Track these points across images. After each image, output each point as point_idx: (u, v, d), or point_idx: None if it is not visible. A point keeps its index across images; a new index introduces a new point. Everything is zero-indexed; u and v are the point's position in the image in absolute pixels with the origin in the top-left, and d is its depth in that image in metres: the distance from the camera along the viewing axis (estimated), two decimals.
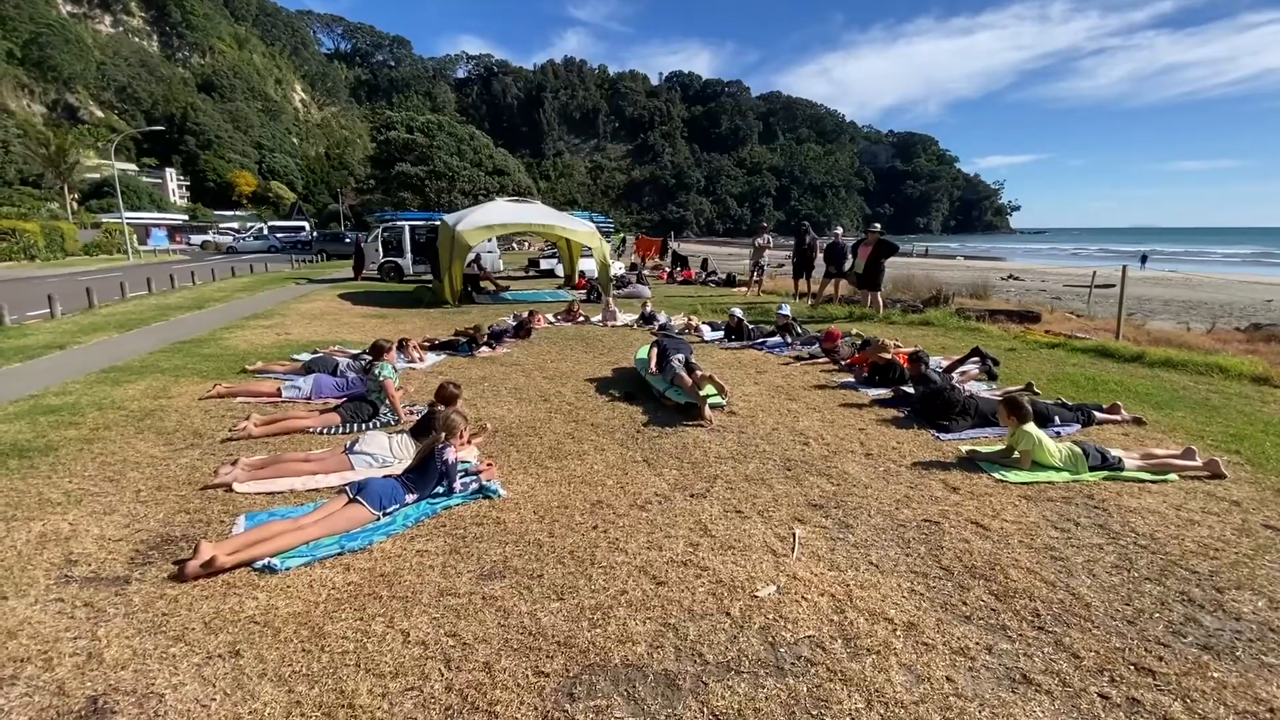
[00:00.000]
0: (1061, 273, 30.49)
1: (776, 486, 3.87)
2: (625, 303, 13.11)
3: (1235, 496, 3.71)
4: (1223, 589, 2.76)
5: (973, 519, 3.41)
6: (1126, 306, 9.37)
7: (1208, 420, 5.17)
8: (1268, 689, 2.16)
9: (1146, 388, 6.18)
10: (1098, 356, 7.59)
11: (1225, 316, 13.16)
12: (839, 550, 3.10)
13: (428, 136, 46.08)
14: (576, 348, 8.44)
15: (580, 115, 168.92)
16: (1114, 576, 2.85)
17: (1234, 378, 6.48)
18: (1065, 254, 56.70)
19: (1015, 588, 2.75)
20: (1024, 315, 10.28)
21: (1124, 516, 3.44)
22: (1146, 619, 2.55)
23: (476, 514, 3.47)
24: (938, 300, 11.57)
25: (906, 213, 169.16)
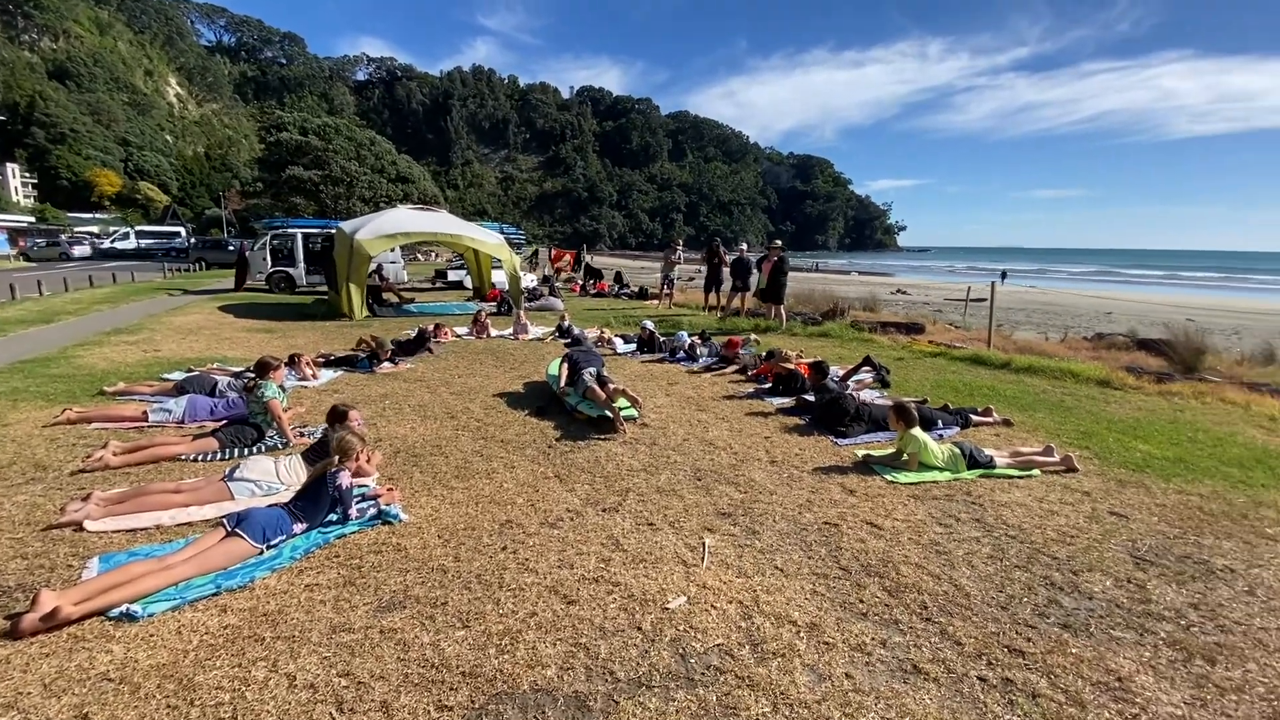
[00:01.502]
0: (942, 288, 33.33)
1: (687, 497, 3.93)
2: (537, 316, 12.95)
3: (1086, 488, 4.17)
4: (1078, 571, 3.08)
5: (868, 519, 3.62)
6: (995, 319, 10.38)
7: (1063, 420, 5.80)
8: (1116, 660, 2.43)
9: (1013, 392, 6.85)
10: (973, 364, 8.34)
11: (1074, 327, 14.90)
12: (746, 557, 3.18)
13: (323, 139, 43.53)
14: (486, 362, 8.22)
15: (490, 125, 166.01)
16: (989, 566, 3.12)
17: (1083, 381, 7.33)
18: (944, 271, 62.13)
19: (906, 582, 2.94)
20: (910, 327, 11.13)
21: (997, 510, 3.78)
22: (1017, 604, 2.80)
23: (375, 541, 3.26)
24: (834, 313, 12.29)
25: (806, 230, 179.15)
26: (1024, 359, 8.25)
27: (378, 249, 12.31)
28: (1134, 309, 20.82)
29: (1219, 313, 20.99)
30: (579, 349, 6.52)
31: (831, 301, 12.99)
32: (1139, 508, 3.87)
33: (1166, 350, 8.98)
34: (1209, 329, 15.16)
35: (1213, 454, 4.93)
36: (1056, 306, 21.70)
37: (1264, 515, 3.81)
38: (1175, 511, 3.83)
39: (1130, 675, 2.33)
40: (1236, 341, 12.61)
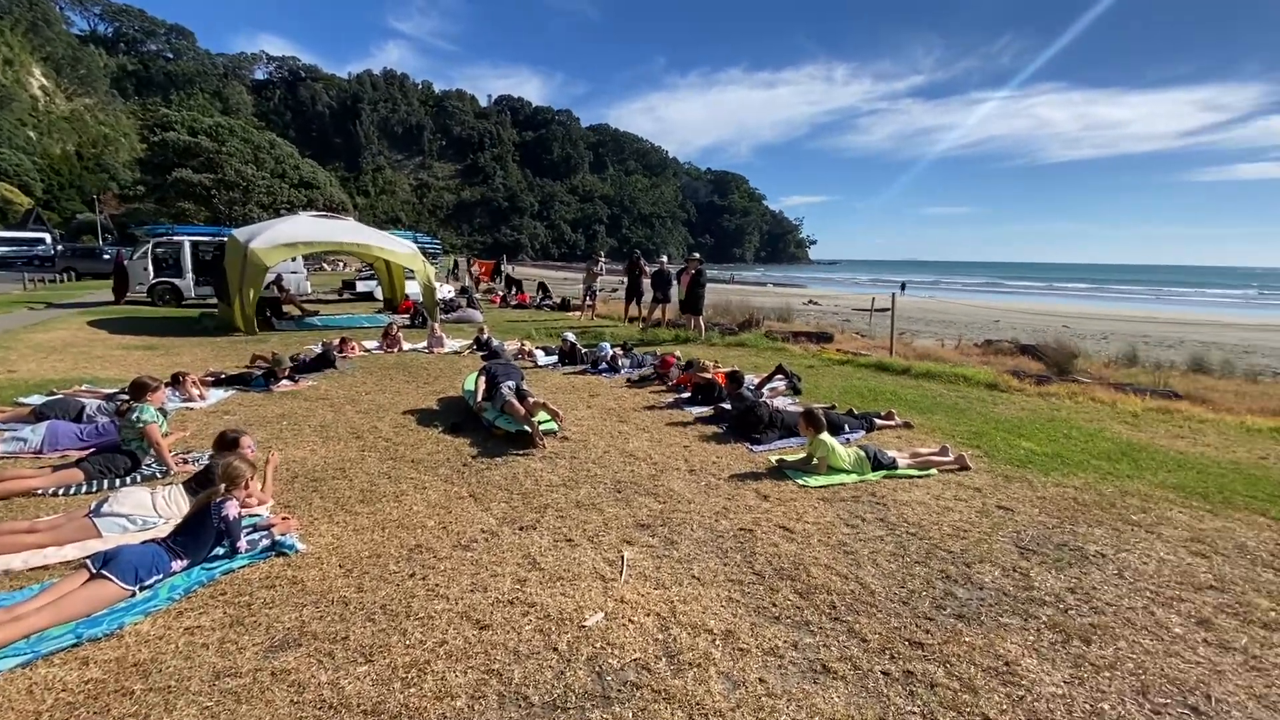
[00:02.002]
0: (850, 298, 35.24)
1: (607, 510, 3.89)
2: (454, 328, 12.56)
3: (977, 484, 4.49)
4: (970, 564, 3.30)
5: (781, 524, 3.72)
6: (897, 327, 11.07)
7: (957, 421, 6.24)
8: (1004, 645, 2.61)
9: (913, 396, 7.31)
10: (877, 371, 8.83)
11: (967, 334, 16.14)
12: (664, 568, 3.18)
13: (216, 140, 40.54)
14: (397, 377, 7.85)
15: (403, 131, 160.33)
16: (892, 563, 3.28)
17: (974, 385, 7.92)
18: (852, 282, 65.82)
19: (816, 584, 3.04)
20: (820, 336, 11.67)
21: (899, 509, 3.99)
22: (917, 598, 2.95)
23: (267, 575, 3.01)
24: (750, 323, 12.69)
25: (724, 244, 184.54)
26: (923, 365, 8.82)
27: (275, 259, 11.54)
28: (1018, 318, 22.83)
29: (1089, 320, 23.39)
30: (497, 362, 6.36)
31: (747, 312, 13.42)
32: (1023, 501, 4.20)
33: (1045, 355, 9.89)
34: (1081, 335, 16.86)
35: (1085, 449, 5.45)
36: (951, 315, 23.44)
37: (1129, 503, 4.23)
38: (1054, 503, 4.19)
39: (1017, 659, 2.51)
40: (1104, 346, 14.07)
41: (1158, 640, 2.67)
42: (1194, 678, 2.43)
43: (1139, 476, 4.76)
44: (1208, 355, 11.69)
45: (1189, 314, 30.48)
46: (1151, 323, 23.41)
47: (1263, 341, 17.24)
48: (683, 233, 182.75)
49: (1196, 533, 3.77)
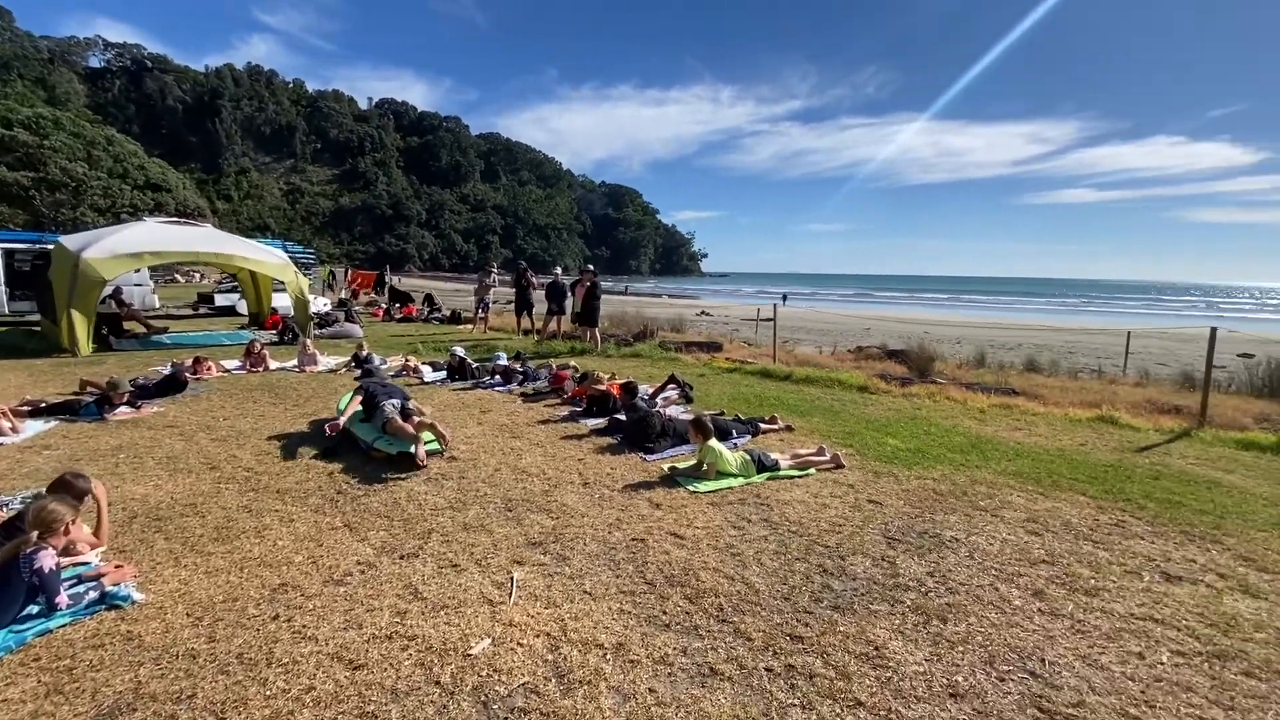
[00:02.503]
0: (739, 309, 36.88)
1: (497, 530, 3.77)
2: (331, 344, 11.71)
3: (851, 481, 4.82)
4: (845, 556, 3.52)
5: (672, 531, 3.78)
6: (780, 336, 11.72)
7: (832, 422, 6.67)
8: (874, 631, 2.80)
9: (794, 400, 7.74)
10: (762, 377, 9.28)
11: (842, 341, 17.41)
12: (556, 585, 3.12)
13: (36, 134, 35.34)
14: (262, 400, 7.18)
15: (272, 131, 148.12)
16: (775, 561, 3.43)
17: (847, 388, 8.53)
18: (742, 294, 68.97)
19: (704, 588, 3.11)
20: (710, 345, 12.10)
21: (781, 509, 4.19)
22: (797, 593, 3.10)
23: (95, 633, 2.62)
24: (645, 334, 12.91)
25: (620, 256, 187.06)
26: (803, 371, 9.38)
27: (115, 270, 10.19)
28: (886, 325, 24.95)
29: (946, 326, 26.04)
30: (373, 380, 5.99)
31: (643, 323, 13.65)
32: (890, 494, 4.56)
33: (908, 359, 10.86)
34: (939, 340, 18.68)
35: (941, 443, 6.02)
36: (828, 324, 25.19)
37: (978, 491, 4.71)
38: (916, 495, 4.58)
39: (885, 643, 2.70)
40: (958, 350, 15.64)
41: (1001, 613, 2.98)
42: (1031, 644, 2.74)
43: (986, 466, 5.32)
44: (1040, 357, 13.37)
45: (1026, 320, 34.84)
46: (996, 328, 26.48)
47: (1083, 344, 20.04)
48: (579, 244, 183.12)
49: (1031, 513, 4.27)
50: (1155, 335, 19.25)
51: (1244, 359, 12.13)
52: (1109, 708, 2.34)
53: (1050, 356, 13.70)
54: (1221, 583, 3.37)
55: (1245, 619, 3.00)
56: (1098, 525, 4.11)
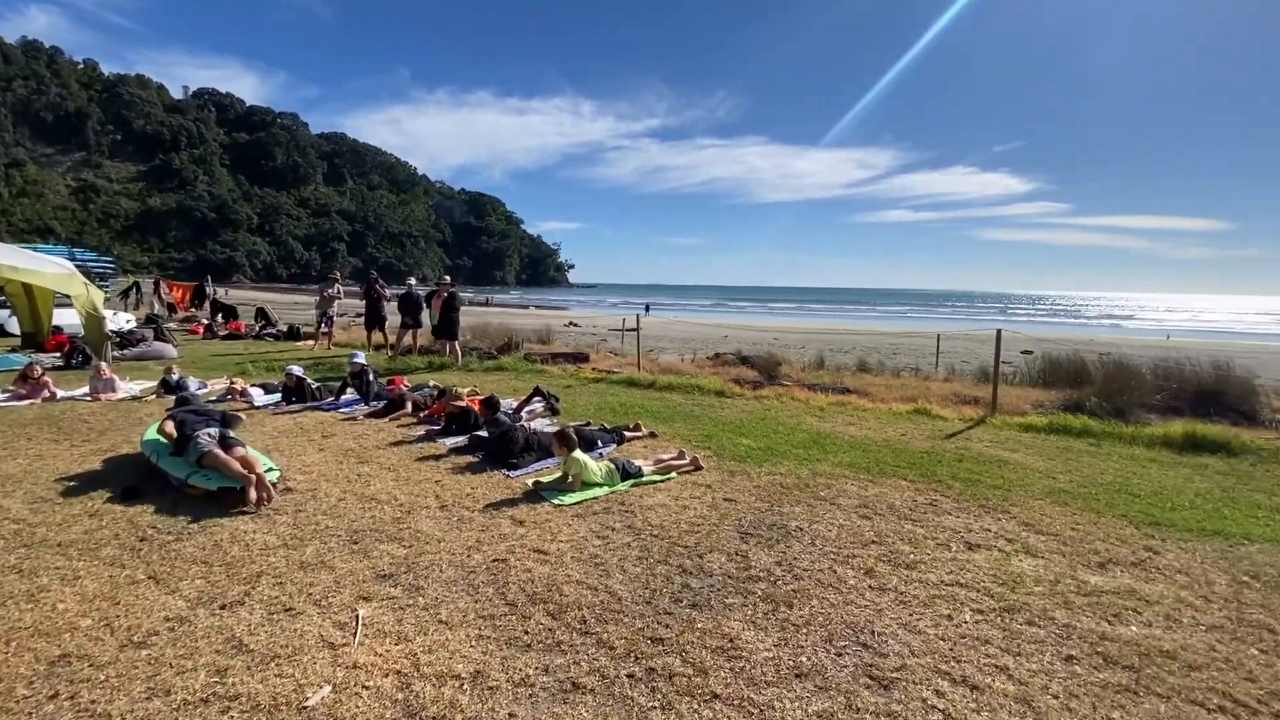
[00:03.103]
0: (607, 319, 37.37)
1: (340, 566, 3.45)
2: (135, 368, 10.11)
3: (708, 481, 5.05)
4: (703, 555, 3.67)
5: (536, 547, 3.70)
6: (645, 345, 12.03)
7: (693, 427, 6.96)
8: (729, 624, 2.94)
9: (657, 407, 7.97)
10: (628, 386, 9.45)
11: (701, 349, 18.27)
12: (408, 618, 2.92)
13: None
14: (40, 436, 6.00)
15: (56, 118, 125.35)
16: (638, 566, 3.49)
17: (706, 393, 8.95)
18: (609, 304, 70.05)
19: (568, 602, 3.08)
20: (577, 356, 12.11)
21: (644, 514, 4.27)
22: (658, 596, 3.17)
23: None
24: (510, 347, 12.62)
25: (484, 266, 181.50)
26: (665, 378, 9.70)
27: None
28: (741, 333, 26.58)
29: (793, 333, 28.27)
30: (186, 408, 5.25)
31: (507, 335, 13.33)
32: (743, 491, 4.84)
33: (758, 364, 11.64)
34: (787, 346, 20.22)
35: (788, 440, 6.50)
36: (690, 333, 26.35)
37: (819, 482, 5.14)
38: (766, 489, 4.90)
39: (738, 634, 2.84)
40: (802, 354, 17.02)
41: (838, 593, 3.27)
42: (863, 619, 3.03)
43: (825, 459, 5.84)
44: (869, 358, 14.98)
45: (859, 325, 38.96)
46: (834, 334, 29.29)
47: (904, 345, 22.80)
48: (438, 253, 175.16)
49: (863, 499, 4.75)
50: (961, 337, 22.41)
51: (1025, 355, 14.47)
52: (925, 666, 2.65)
53: (878, 358, 15.41)
54: (1009, 546, 3.96)
55: (1028, 576, 3.56)
56: (916, 505, 4.66)
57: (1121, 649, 2.82)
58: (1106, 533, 4.23)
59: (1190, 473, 5.81)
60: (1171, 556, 3.87)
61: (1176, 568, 3.72)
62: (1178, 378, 9.37)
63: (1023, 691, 2.50)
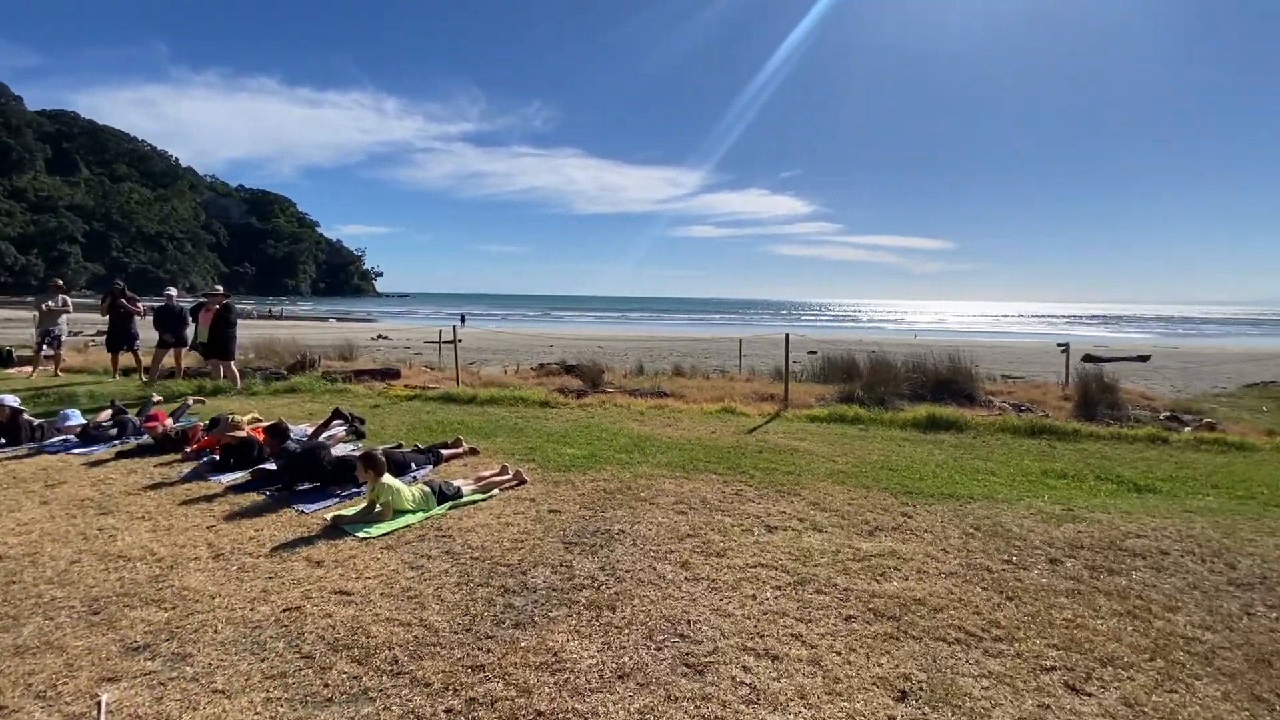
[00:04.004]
0: (424, 331, 35.19)
1: (74, 644, 2.78)
2: None
3: (533, 495, 4.97)
4: (526, 571, 3.60)
5: (337, 589, 3.33)
6: (467, 357, 11.53)
7: (517, 440, 6.82)
8: (553, 637, 2.91)
9: (479, 422, 7.69)
10: (446, 402, 8.98)
11: (527, 359, 18.05)
12: (171, 694, 2.44)
13: None
14: None
15: None
16: (457, 593, 3.31)
17: (530, 404, 8.85)
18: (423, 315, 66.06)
19: (376, 643, 2.81)
20: (386, 372, 11.21)
21: (464, 537, 4.08)
22: (479, 620, 3.04)
23: None
24: (304, 365, 11.27)
25: (272, 273, 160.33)
26: (487, 391, 9.40)
27: None
28: (566, 342, 26.76)
29: (616, 341, 29.14)
30: None
31: (300, 352, 11.88)
32: (568, 500, 4.85)
33: (582, 372, 11.80)
34: (611, 354, 20.78)
35: (610, 446, 6.67)
36: (514, 344, 25.89)
37: (639, 484, 5.33)
38: (590, 497, 4.97)
39: (562, 646, 2.83)
40: (625, 361, 17.61)
41: (657, 589, 3.42)
42: (680, 611, 3.19)
43: (645, 461, 6.09)
44: (684, 362, 15.98)
45: (676, 332, 41.47)
46: (654, 340, 30.80)
47: (714, 349, 24.74)
48: (211, 259, 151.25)
49: (679, 496, 5.03)
50: (760, 341, 24.92)
51: (811, 355, 16.51)
52: (734, 646, 2.87)
53: (691, 362, 16.51)
54: (800, 525, 4.47)
55: (815, 550, 4.03)
56: (724, 496, 5.06)
57: (886, 603, 3.32)
58: (874, 504, 4.97)
59: (932, 448, 7.07)
60: (920, 519, 4.67)
61: (924, 528, 4.49)
62: (922, 370, 11.36)
63: (814, 654, 2.82)
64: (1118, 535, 4.38)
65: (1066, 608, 3.33)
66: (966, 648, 2.91)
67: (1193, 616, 3.27)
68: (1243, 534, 4.47)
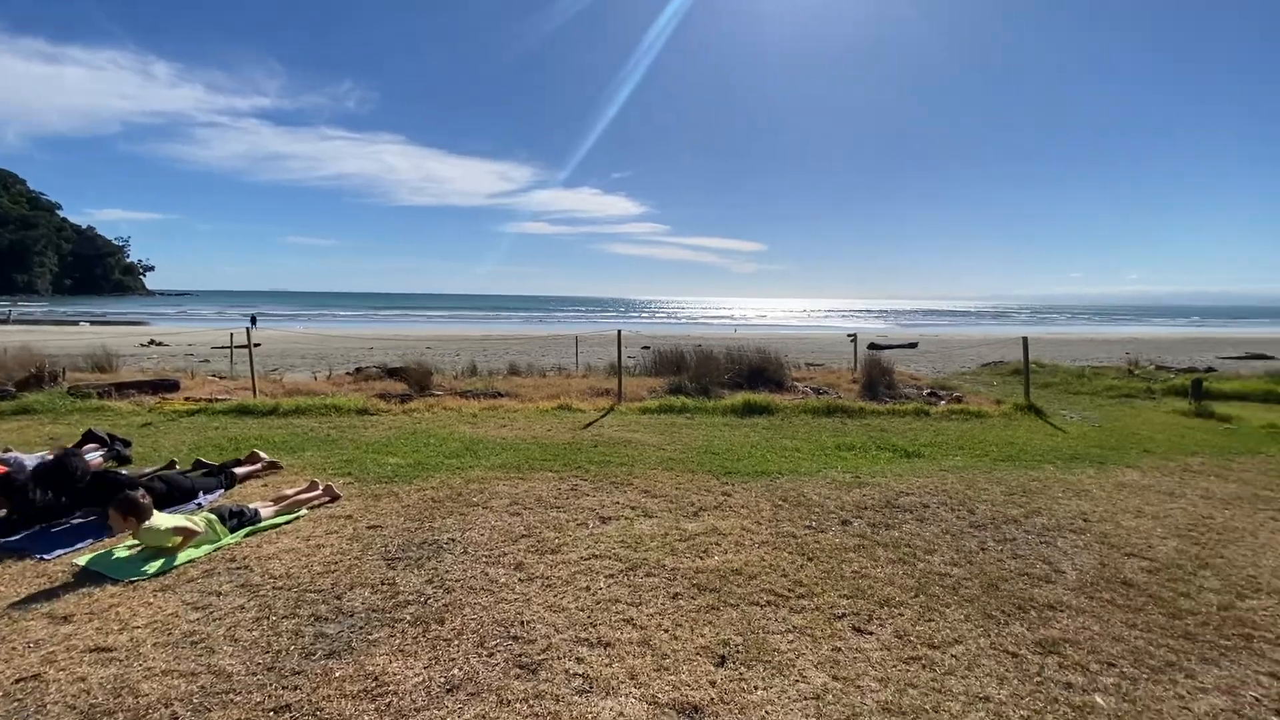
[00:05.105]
0: (212, 335, 30.40)
1: None
2: None
3: (349, 511, 4.56)
4: (342, 594, 3.29)
5: (93, 645, 2.77)
6: (267, 362, 10.18)
7: (330, 453, 6.20)
8: (373, 661, 2.69)
9: (283, 436, 6.85)
10: (239, 415, 7.87)
11: (342, 363, 16.44)
12: None
13: None
14: None
15: None
16: (255, 631, 2.92)
17: (345, 413, 8.09)
18: (209, 317, 57.14)
19: (147, 703, 2.38)
20: (161, 384, 9.50)
21: (264, 566, 3.61)
22: (285, 656, 2.71)
23: None
24: (41, 379, 9.15)
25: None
26: (292, 401, 8.41)
27: None
28: (390, 344, 24.87)
29: (447, 341, 27.69)
30: None
31: (35, 363, 9.59)
32: (390, 514, 4.52)
33: (408, 375, 11.05)
34: (441, 354, 19.71)
35: (440, 451, 6.34)
36: (327, 347, 23.44)
37: (472, 488, 5.13)
38: (416, 508, 4.67)
39: (384, 669, 2.63)
40: (456, 361, 16.81)
41: (490, 595, 3.32)
42: (513, 613, 3.14)
43: (478, 464, 5.88)
44: (520, 360, 15.70)
45: (514, 330, 40.52)
46: (490, 339, 29.84)
47: (553, 346, 24.60)
48: None
49: (514, 497, 4.94)
50: (596, 338, 25.31)
51: (644, 350, 17.14)
52: (568, 639, 2.89)
53: (528, 360, 16.28)
54: (632, 513, 4.63)
55: (646, 535, 4.20)
56: (560, 493, 5.07)
57: (709, 577, 3.57)
58: (698, 486, 5.32)
59: (748, 431, 7.74)
60: (739, 496, 5.09)
61: (741, 504, 4.90)
62: (740, 361, 12.37)
63: (644, 635, 2.94)
64: (892, 495, 5.17)
65: (854, 561, 3.85)
66: (776, 608, 3.24)
67: (945, 556, 3.96)
68: (980, 485, 5.52)
